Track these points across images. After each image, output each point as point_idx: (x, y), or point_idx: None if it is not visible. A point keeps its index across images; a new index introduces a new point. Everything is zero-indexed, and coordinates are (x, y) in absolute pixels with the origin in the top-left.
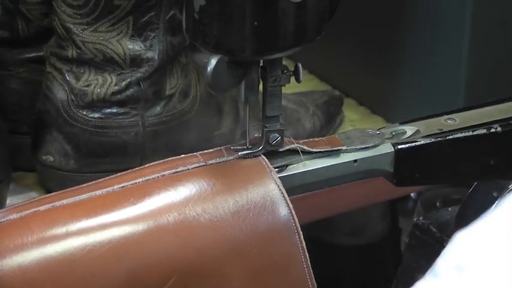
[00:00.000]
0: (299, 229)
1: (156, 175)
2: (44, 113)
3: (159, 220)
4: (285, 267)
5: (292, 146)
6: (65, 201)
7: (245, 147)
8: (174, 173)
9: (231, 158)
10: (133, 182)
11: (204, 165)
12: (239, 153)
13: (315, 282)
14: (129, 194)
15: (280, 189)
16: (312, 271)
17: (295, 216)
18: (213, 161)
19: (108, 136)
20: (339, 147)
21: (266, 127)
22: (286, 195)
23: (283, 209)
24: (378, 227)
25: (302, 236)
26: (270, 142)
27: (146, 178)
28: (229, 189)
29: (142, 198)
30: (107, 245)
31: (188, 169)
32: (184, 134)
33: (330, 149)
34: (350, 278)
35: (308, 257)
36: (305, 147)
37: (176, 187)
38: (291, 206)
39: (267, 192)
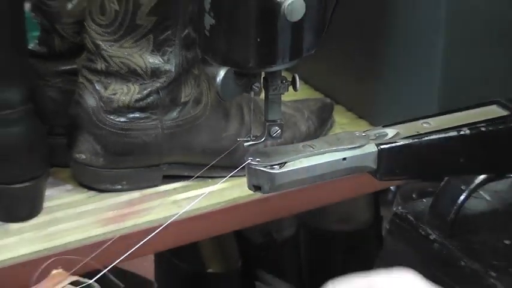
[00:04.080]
0: None
1: None
2: (77, 117)
3: None
4: None
5: None
6: None
7: (249, 138)
8: None
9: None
10: None
11: None
12: (245, 144)
13: None
14: None
15: None
16: None
17: None
18: None
19: (132, 137)
20: None
21: (269, 122)
22: None
23: None
24: (363, 215)
25: None
26: (271, 134)
27: None
28: None
29: None
30: None
31: None
32: (197, 135)
33: None
34: (340, 259)
35: None
36: None
37: None
38: None
39: None
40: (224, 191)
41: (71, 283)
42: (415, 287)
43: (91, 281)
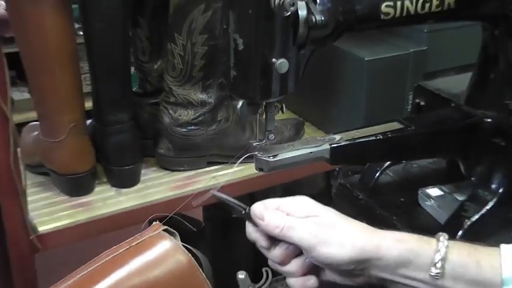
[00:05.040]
0: (199, 269)
1: (96, 265)
2: (159, 129)
3: None
4: None
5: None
6: None
7: (256, 141)
8: (113, 256)
9: (145, 237)
10: (73, 279)
11: (128, 248)
12: (253, 144)
13: None
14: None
15: (185, 253)
16: None
17: (195, 262)
18: (135, 243)
19: (189, 140)
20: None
21: (267, 131)
22: (186, 252)
23: (183, 257)
24: (321, 184)
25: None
26: (269, 138)
27: (88, 269)
28: (147, 263)
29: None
30: None
31: (120, 252)
32: (226, 139)
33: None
34: None
35: (210, 284)
36: None
37: (112, 270)
38: (192, 259)
39: (174, 259)
40: (242, 171)
41: (164, 230)
42: (307, 202)
43: (174, 231)
